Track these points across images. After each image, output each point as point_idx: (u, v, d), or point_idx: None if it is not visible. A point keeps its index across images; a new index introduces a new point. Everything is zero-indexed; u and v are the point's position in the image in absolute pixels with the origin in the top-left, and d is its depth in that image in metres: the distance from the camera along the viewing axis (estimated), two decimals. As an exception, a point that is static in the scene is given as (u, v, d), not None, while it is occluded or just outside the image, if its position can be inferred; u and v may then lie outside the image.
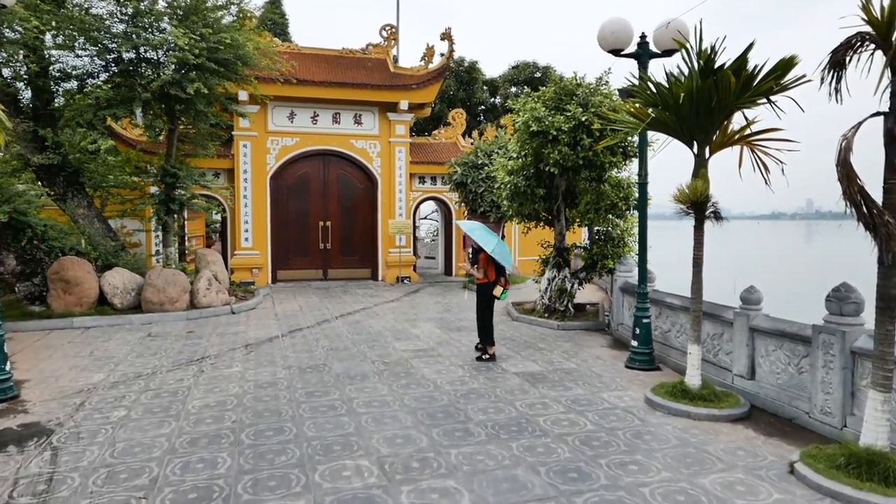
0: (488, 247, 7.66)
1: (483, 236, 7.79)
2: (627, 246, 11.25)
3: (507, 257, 7.84)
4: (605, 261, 10.96)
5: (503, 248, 7.86)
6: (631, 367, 7.91)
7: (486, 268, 8.03)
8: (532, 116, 9.90)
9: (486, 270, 8.03)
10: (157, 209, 12.78)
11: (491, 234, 7.93)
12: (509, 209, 12.21)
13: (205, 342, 9.37)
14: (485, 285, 8.08)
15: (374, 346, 9.14)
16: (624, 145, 10.09)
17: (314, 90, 16.46)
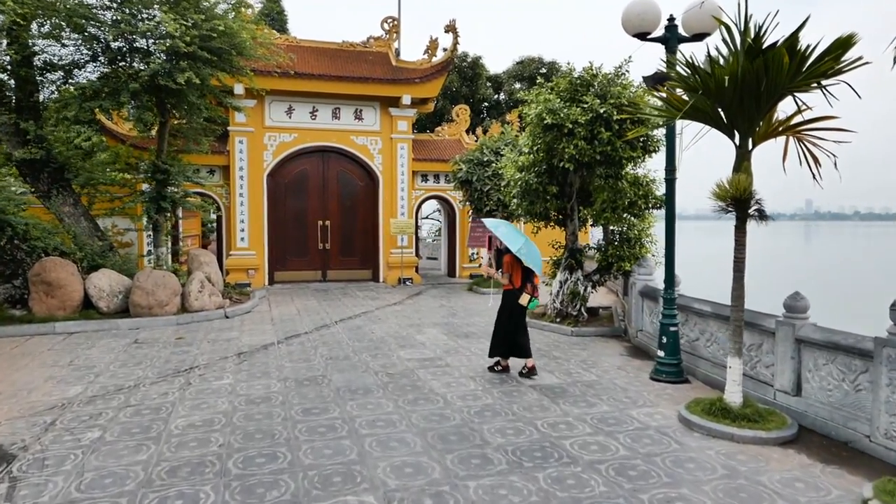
0: (514, 247, 6.74)
1: (509, 235, 6.90)
2: (645, 247, 10.62)
3: (537, 260, 6.86)
4: (622, 263, 10.32)
5: (532, 250, 6.88)
6: (657, 379, 7.27)
7: (511, 272, 7.12)
8: (546, 108, 9.25)
9: (512, 275, 7.12)
10: (148, 207, 12.12)
11: (517, 232, 7.08)
12: (518, 208, 11.56)
13: (195, 350, 8.71)
14: (510, 292, 7.13)
15: (376, 354, 8.49)
16: (644, 139, 9.44)
17: (313, 84, 15.81)
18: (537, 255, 6.90)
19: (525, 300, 7.02)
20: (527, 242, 6.84)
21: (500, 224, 7.17)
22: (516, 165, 10.87)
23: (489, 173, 15.20)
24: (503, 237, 6.90)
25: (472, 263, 17.77)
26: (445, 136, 19.23)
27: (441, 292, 15.53)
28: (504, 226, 7.13)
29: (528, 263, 6.81)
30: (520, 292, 7.05)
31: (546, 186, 10.43)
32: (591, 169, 10.19)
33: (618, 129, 9.07)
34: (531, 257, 6.80)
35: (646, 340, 9.03)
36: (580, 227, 11.36)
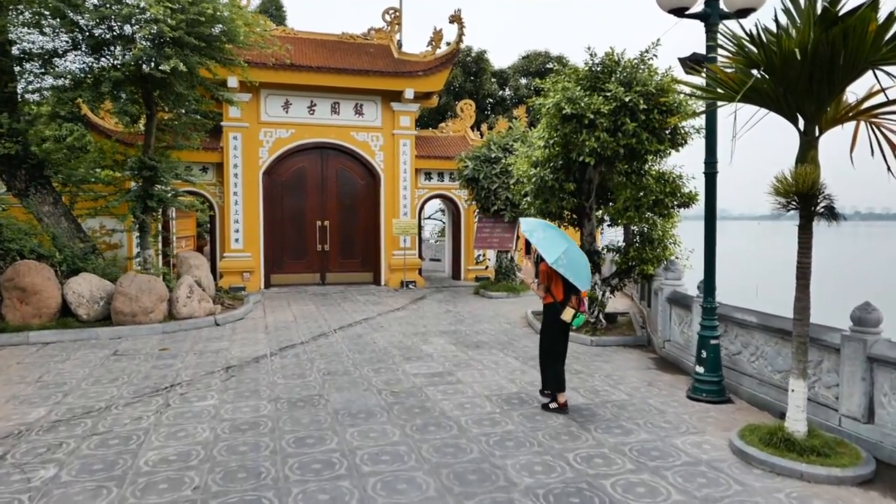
0: (550, 256, 5.51)
1: (547, 241, 5.68)
2: (668, 249, 9.82)
3: (581, 271, 5.64)
4: (644, 266, 9.51)
5: (575, 258, 5.63)
6: (696, 398, 6.46)
7: (548, 283, 5.92)
8: (564, 98, 8.43)
9: (551, 287, 5.90)
10: (133, 206, 11.31)
11: (559, 236, 5.82)
12: (530, 207, 10.74)
13: (178, 363, 7.90)
14: (552, 307, 5.92)
15: (379, 368, 7.67)
16: (672, 129, 8.60)
17: (311, 76, 14.99)
18: (582, 265, 5.70)
19: (568, 315, 5.77)
20: (569, 249, 5.62)
21: (538, 227, 5.89)
22: (530, 161, 10.06)
23: (497, 171, 14.38)
24: (539, 244, 5.68)
25: (479, 266, 16.97)
26: (449, 133, 18.42)
27: (446, 296, 14.71)
28: (542, 229, 5.87)
29: (570, 277, 5.57)
30: (562, 307, 5.82)
31: (562, 183, 9.61)
32: (612, 164, 9.38)
33: (644, 119, 8.25)
34: (574, 268, 5.59)
35: (675, 352, 8.22)
36: (598, 227, 10.56)
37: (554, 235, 5.78)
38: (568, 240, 5.82)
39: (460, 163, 15.20)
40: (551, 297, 5.92)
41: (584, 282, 5.63)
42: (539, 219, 6.49)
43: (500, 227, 15.09)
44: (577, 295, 5.83)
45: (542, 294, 6.00)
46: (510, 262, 15.42)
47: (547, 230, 5.84)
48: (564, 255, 5.53)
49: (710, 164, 6.42)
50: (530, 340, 9.59)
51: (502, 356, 8.43)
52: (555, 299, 5.89)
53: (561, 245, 5.61)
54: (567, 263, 5.53)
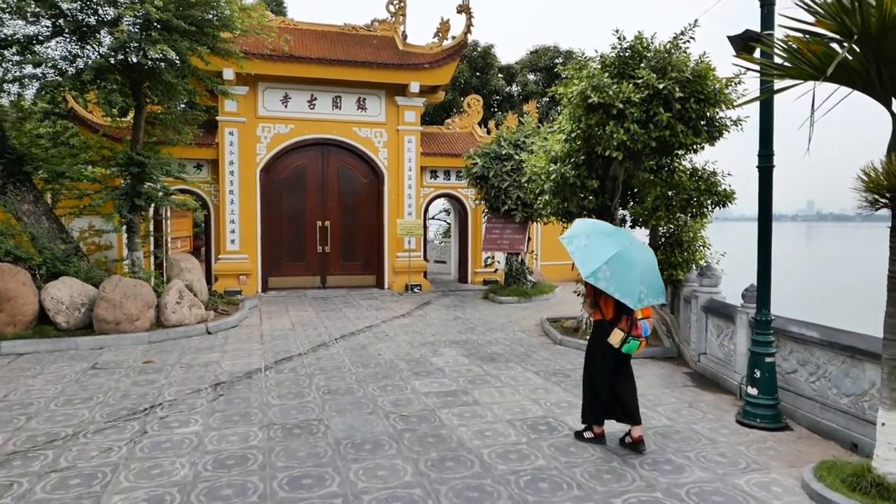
0: (586, 268, 4.48)
1: (589, 248, 4.63)
2: (699, 252, 9.03)
3: (630, 286, 4.49)
4: (673, 271, 8.71)
5: (624, 268, 4.53)
6: (748, 423, 5.66)
7: (596, 297, 4.93)
8: (590, 85, 7.63)
9: (599, 302, 4.92)
10: (119, 205, 10.52)
11: (610, 241, 4.70)
12: (546, 207, 9.94)
13: (162, 379, 7.10)
14: (599, 325, 4.99)
15: (385, 385, 6.87)
16: (708, 119, 7.77)
17: (311, 69, 14.21)
18: (632, 278, 4.50)
19: (615, 339, 4.70)
20: (619, 257, 4.54)
21: (580, 233, 4.80)
22: (548, 156, 9.26)
23: (508, 168, 13.58)
24: (575, 253, 4.66)
25: (487, 269, 16.17)
26: (456, 129, 17.62)
27: (453, 301, 13.91)
28: (584, 235, 4.77)
29: (614, 293, 4.48)
30: (611, 326, 4.80)
31: (584, 181, 8.81)
32: (638, 160, 8.59)
33: (679, 109, 7.45)
34: (621, 282, 4.47)
35: (713, 367, 7.42)
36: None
37: (600, 241, 4.69)
38: (622, 244, 4.68)
39: (468, 160, 14.40)
40: (600, 313, 4.95)
41: (631, 298, 4.49)
42: (590, 220, 5.33)
43: (510, 228, 14.30)
44: (628, 314, 4.73)
45: (590, 309, 5.09)
46: (521, 265, 14.62)
47: (593, 236, 4.76)
48: (608, 266, 4.49)
49: (766, 156, 5.63)
50: (548, 352, 8.79)
51: (521, 371, 7.63)
52: (603, 317, 4.91)
53: (604, 253, 4.56)
54: (611, 276, 4.49)
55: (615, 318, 4.82)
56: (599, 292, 4.75)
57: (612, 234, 4.88)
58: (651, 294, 4.62)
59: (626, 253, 4.62)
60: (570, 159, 8.85)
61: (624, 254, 4.61)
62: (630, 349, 4.79)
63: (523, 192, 13.29)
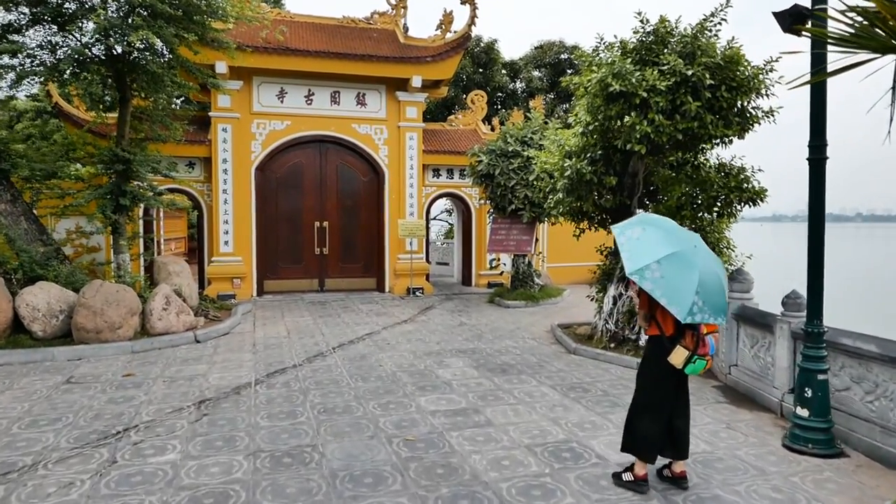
0: (633, 263, 3.81)
1: (643, 241, 3.94)
2: (724, 254, 8.39)
3: (683, 295, 3.73)
4: (697, 274, 8.03)
5: (679, 271, 3.77)
6: (798, 449, 5.00)
7: (650, 309, 4.17)
8: (611, 73, 6.98)
9: (655, 314, 4.15)
10: (103, 204, 9.87)
11: (670, 237, 3.96)
12: (558, 206, 9.30)
13: (142, 395, 6.45)
14: (655, 340, 4.18)
15: (387, 403, 6.22)
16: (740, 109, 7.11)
17: (308, 62, 13.56)
18: (687, 284, 3.73)
19: (678, 359, 3.97)
20: (676, 258, 3.80)
21: (636, 223, 4.13)
22: (562, 151, 8.61)
23: (515, 165, 12.94)
24: (625, 245, 3.95)
25: (493, 271, 15.51)
26: (459, 126, 16.98)
27: (457, 305, 13.26)
28: (640, 225, 4.07)
29: (662, 299, 3.75)
30: (671, 343, 4.06)
31: (601, 177, 8.16)
32: (660, 154, 7.94)
33: (709, 97, 6.80)
34: (670, 286, 3.74)
35: (746, 381, 6.76)
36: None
37: (657, 237, 3.95)
38: (684, 245, 3.92)
39: (473, 157, 13.76)
40: (656, 327, 4.15)
41: (681, 307, 3.70)
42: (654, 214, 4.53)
43: (517, 229, 13.65)
44: (694, 329, 3.99)
45: (644, 323, 4.26)
46: (528, 267, 13.97)
47: (650, 230, 4.03)
48: (659, 266, 3.75)
49: (818, 147, 4.98)
50: (563, 362, 8.14)
51: (535, 385, 6.98)
52: (661, 332, 4.12)
53: (658, 250, 3.82)
54: (660, 278, 3.74)
55: (676, 334, 4.08)
56: (656, 303, 3.96)
57: (674, 232, 4.09)
58: (708, 310, 3.81)
59: (686, 256, 3.87)
60: (586, 154, 8.21)
61: (683, 256, 3.86)
62: (695, 370, 4.03)
63: (531, 191, 12.67)
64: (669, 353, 4.04)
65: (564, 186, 8.45)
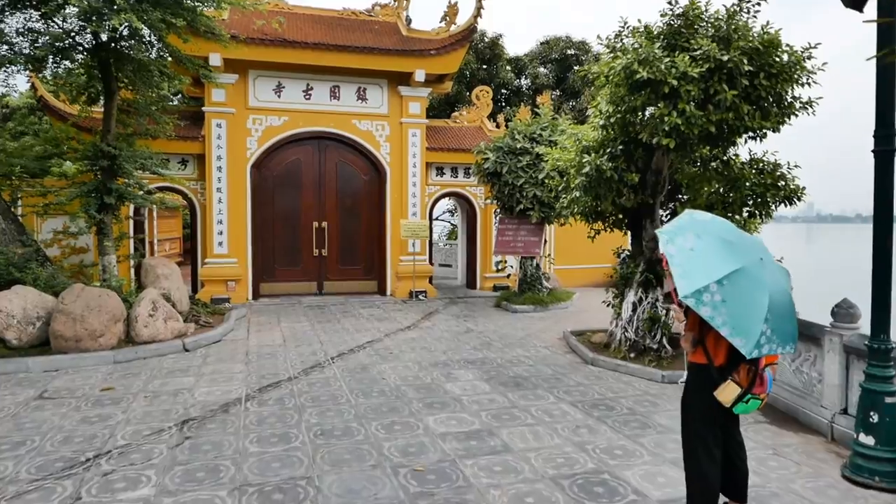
0: (688, 282, 3.06)
1: (698, 253, 3.19)
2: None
3: (747, 321, 3.05)
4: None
5: (745, 295, 3.08)
6: (862, 481, 4.38)
7: (698, 330, 3.46)
8: (636, 59, 6.36)
9: (705, 339, 3.42)
10: (87, 203, 9.26)
11: (732, 248, 3.21)
12: (573, 205, 8.68)
13: (119, 414, 5.82)
14: (701, 369, 3.47)
15: (392, 423, 5.59)
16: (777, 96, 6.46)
17: (307, 54, 12.95)
18: (753, 310, 3.05)
19: (727, 396, 3.28)
20: (740, 278, 3.07)
21: (688, 226, 3.33)
22: (579, 146, 7.99)
23: (523, 163, 12.32)
24: (675, 258, 3.17)
25: (499, 273, 14.89)
26: (464, 123, 16.35)
27: (463, 310, 12.63)
28: (696, 234, 3.24)
29: (721, 326, 3.02)
30: (720, 376, 3.35)
31: (622, 174, 7.54)
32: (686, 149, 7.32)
33: (747, 85, 6.18)
34: (735, 313, 3.03)
35: (786, 397, 6.14)
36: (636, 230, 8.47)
37: (716, 248, 3.18)
38: (749, 258, 3.18)
39: (479, 155, 13.13)
40: (703, 354, 3.43)
41: (748, 339, 3.00)
42: (706, 213, 3.58)
43: (524, 230, 13.03)
44: (751, 362, 3.26)
45: (689, 347, 3.53)
46: (536, 270, 13.35)
47: (706, 238, 3.23)
48: (721, 288, 3.02)
49: (886, 138, 4.36)
50: (581, 374, 7.51)
51: (554, 401, 6.35)
52: (708, 360, 3.40)
53: (719, 266, 3.09)
54: (722, 303, 3.01)
55: (728, 365, 3.36)
56: (708, 326, 3.21)
57: (735, 240, 3.30)
58: (777, 338, 3.13)
59: (752, 273, 3.12)
60: (606, 150, 7.58)
61: (749, 273, 3.11)
62: (746, 410, 3.36)
63: (540, 190, 12.06)
64: (717, 387, 3.35)
65: (581, 184, 7.82)
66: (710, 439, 3.53)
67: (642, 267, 8.37)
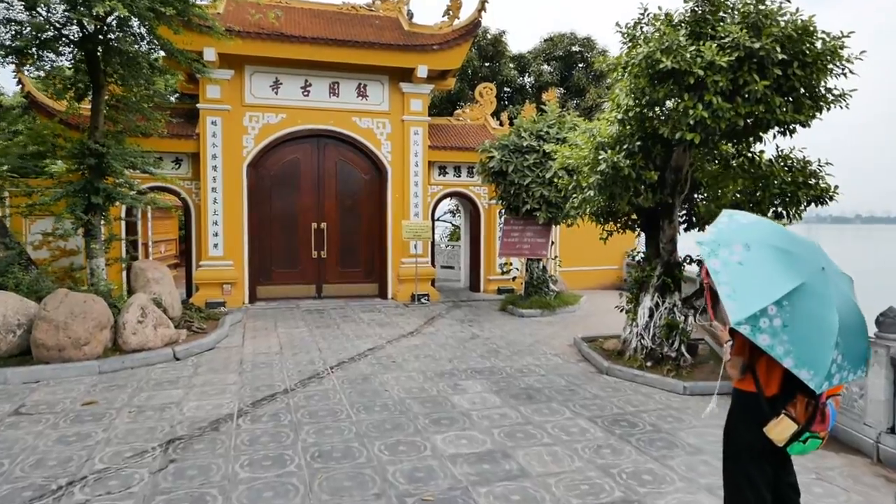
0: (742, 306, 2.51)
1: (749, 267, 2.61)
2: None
3: (815, 348, 2.51)
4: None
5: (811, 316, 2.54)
6: (924, 515, 3.93)
7: (748, 355, 2.89)
8: (659, 47, 5.90)
9: (756, 365, 2.87)
10: (73, 203, 8.80)
11: (794, 258, 2.64)
12: (585, 205, 8.22)
13: (100, 432, 5.35)
14: (749, 400, 2.93)
15: (396, 443, 5.12)
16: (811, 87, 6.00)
17: (305, 49, 12.48)
18: (822, 334, 2.53)
19: (780, 433, 2.74)
20: (803, 296, 2.54)
21: (738, 236, 2.73)
22: (593, 142, 7.53)
23: (530, 162, 11.86)
24: (723, 275, 2.61)
25: (504, 276, 14.42)
26: (467, 121, 15.89)
27: (467, 314, 12.17)
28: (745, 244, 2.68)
29: (783, 356, 2.51)
30: (771, 408, 2.80)
31: (640, 172, 7.07)
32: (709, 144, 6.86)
33: (780, 75, 5.72)
34: (800, 339, 2.51)
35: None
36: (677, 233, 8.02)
37: (771, 259, 2.63)
38: (810, 268, 2.65)
39: (484, 153, 12.66)
40: (753, 380, 2.88)
41: (818, 370, 2.50)
42: (748, 214, 2.97)
43: (531, 231, 12.57)
44: (809, 394, 2.72)
45: (736, 372, 2.96)
46: (542, 272, 12.89)
47: (757, 249, 2.66)
48: (781, 311, 2.50)
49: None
50: (596, 385, 7.06)
51: (570, 416, 5.89)
52: (759, 389, 2.86)
53: (777, 282, 2.55)
54: (784, 328, 2.50)
55: (782, 395, 2.81)
56: (755, 350, 2.75)
57: (791, 247, 2.71)
58: (849, 364, 2.61)
59: (817, 287, 2.59)
60: (623, 146, 7.12)
61: (813, 288, 2.58)
62: (804, 451, 2.78)
63: (548, 190, 11.61)
64: (768, 422, 2.79)
65: (596, 183, 7.36)
66: (759, 480, 2.97)
67: (659, 270, 7.91)
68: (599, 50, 21.43)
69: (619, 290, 15.95)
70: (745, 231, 2.82)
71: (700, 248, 2.81)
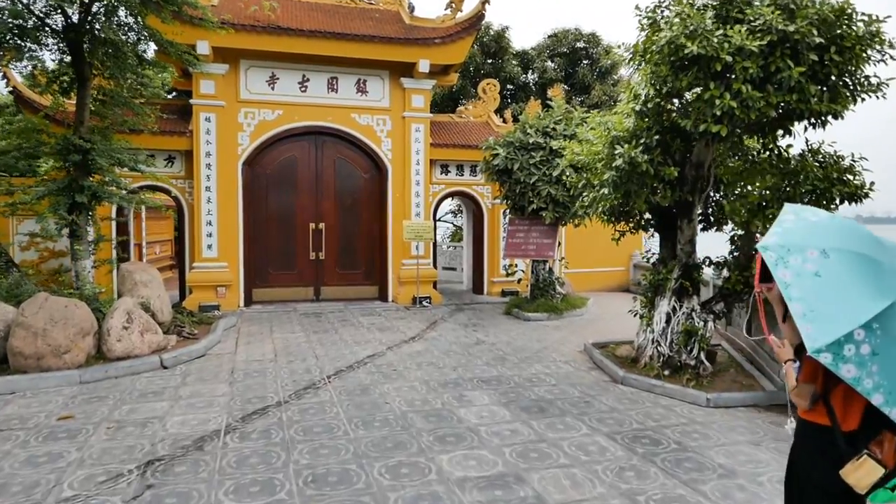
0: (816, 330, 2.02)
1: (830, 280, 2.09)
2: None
3: None
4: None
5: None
6: None
7: (821, 384, 2.37)
8: (684, 31, 5.43)
9: (830, 395, 2.34)
10: (56, 202, 8.33)
11: (880, 268, 2.11)
12: (598, 203, 7.74)
13: (73, 450, 4.88)
14: (820, 434, 2.40)
15: (398, 465, 4.65)
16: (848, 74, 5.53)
17: (303, 43, 12.02)
18: None
19: (864, 478, 2.16)
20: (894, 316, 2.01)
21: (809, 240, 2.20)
22: (607, 137, 7.05)
23: (536, 160, 11.40)
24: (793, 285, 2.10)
25: (509, 278, 13.94)
26: (470, 118, 15.42)
27: (471, 318, 11.70)
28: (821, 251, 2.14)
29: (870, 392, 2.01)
30: (850, 445, 2.25)
31: (658, 168, 6.60)
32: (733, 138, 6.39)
33: (815, 61, 5.25)
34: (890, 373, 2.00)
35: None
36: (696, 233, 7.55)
37: (852, 270, 2.12)
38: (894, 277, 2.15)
39: (488, 151, 12.20)
40: (826, 413, 2.37)
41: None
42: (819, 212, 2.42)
43: (537, 231, 12.10)
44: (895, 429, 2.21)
45: (805, 402, 2.44)
46: (549, 275, 12.42)
47: (836, 256, 2.15)
48: (868, 335, 2.01)
49: None
50: (612, 396, 6.59)
51: (587, 432, 5.42)
52: (834, 423, 2.35)
53: (862, 302, 2.05)
54: (872, 357, 2.01)
55: (864, 432, 2.30)
56: (831, 380, 2.27)
57: (878, 254, 2.20)
58: None
59: None
60: (640, 140, 6.65)
61: None
62: (890, 499, 2.21)
63: (555, 188, 11.15)
64: (844, 463, 2.26)
65: (611, 180, 6.88)
66: None
67: (677, 273, 7.43)
68: (605, 46, 20.95)
69: (626, 292, 15.49)
70: (818, 232, 2.30)
71: (764, 255, 2.29)
